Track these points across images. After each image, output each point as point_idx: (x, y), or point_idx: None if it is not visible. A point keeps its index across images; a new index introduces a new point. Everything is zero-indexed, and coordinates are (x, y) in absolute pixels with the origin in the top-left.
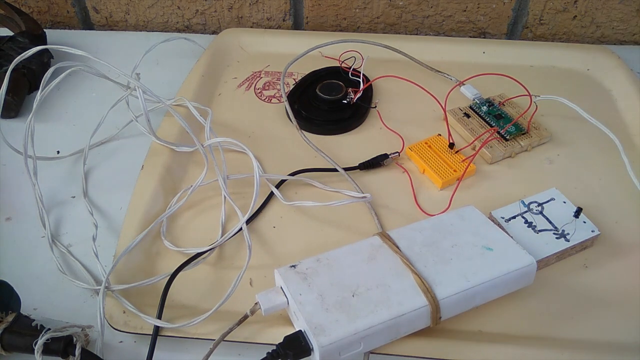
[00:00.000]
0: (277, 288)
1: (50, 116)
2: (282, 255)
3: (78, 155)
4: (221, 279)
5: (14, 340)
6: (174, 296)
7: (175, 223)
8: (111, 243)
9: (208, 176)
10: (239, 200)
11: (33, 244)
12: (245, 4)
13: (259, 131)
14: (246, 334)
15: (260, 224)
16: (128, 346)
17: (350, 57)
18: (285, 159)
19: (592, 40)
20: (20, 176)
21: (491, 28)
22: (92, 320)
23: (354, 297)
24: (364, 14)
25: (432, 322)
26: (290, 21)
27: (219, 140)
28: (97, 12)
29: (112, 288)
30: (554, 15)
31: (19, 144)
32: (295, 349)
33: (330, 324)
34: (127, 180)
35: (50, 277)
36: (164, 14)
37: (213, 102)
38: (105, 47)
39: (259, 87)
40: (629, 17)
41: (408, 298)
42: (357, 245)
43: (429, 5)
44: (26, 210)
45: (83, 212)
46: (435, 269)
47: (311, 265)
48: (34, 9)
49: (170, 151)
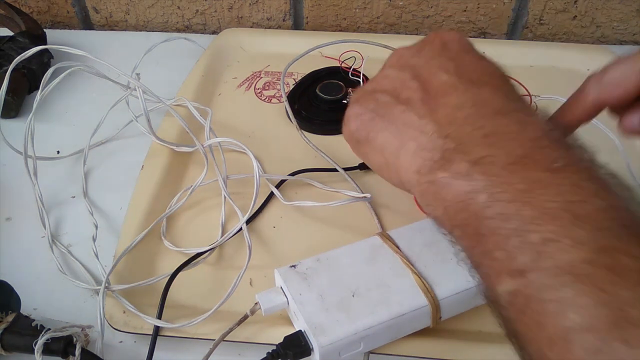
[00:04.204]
0: (277, 288)
1: (50, 116)
2: (282, 255)
3: (78, 155)
4: (221, 279)
5: (14, 340)
6: (174, 296)
7: (175, 223)
8: (111, 243)
9: (208, 176)
10: (239, 200)
11: (33, 244)
12: (245, 4)
13: (259, 131)
14: (246, 334)
15: (260, 224)
16: (128, 346)
17: (350, 57)
18: (285, 159)
19: (592, 40)
20: (20, 176)
21: (491, 28)
22: (92, 320)
23: (354, 297)
24: (364, 14)
25: (432, 322)
26: (290, 21)
27: (219, 140)
28: (97, 12)
29: (112, 288)
30: (554, 15)
31: (19, 144)
32: (295, 349)
33: (330, 324)
34: (127, 180)
35: (50, 277)
36: (164, 14)
37: (213, 102)
38: (105, 47)
39: (259, 87)
40: (629, 17)
41: (408, 298)
42: (357, 245)
43: (429, 5)
44: (26, 210)
45: (83, 212)
46: (435, 268)
47: (311, 265)
48: (34, 9)
49: (170, 151)
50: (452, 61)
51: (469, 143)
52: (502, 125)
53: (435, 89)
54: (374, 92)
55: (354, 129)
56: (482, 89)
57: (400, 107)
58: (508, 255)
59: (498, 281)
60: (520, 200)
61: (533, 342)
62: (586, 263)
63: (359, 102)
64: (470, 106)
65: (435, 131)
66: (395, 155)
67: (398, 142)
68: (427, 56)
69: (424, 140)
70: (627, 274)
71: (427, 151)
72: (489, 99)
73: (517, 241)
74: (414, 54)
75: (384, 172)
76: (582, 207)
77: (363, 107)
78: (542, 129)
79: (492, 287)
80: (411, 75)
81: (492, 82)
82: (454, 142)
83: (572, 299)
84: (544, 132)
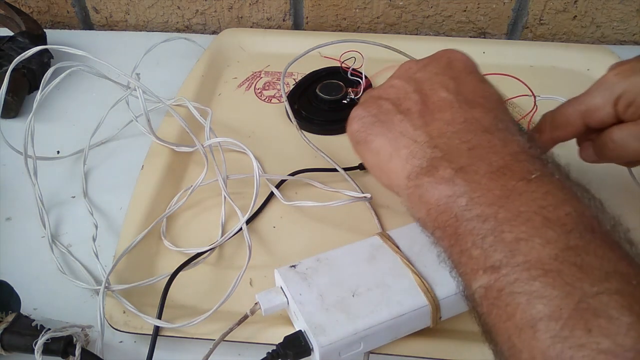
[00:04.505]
0: (277, 288)
1: (50, 116)
2: (282, 255)
3: (78, 155)
4: (221, 279)
5: (14, 340)
6: (174, 296)
7: (175, 223)
8: (111, 243)
9: (208, 176)
10: (239, 200)
11: (33, 244)
12: (245, 4)
13: (259, 131)
14: (246, 334)
15: (260, 224)
16: (128, 346)
17: (350, 57)
18: (285, 159)
19: (592, 40)
20: (20, 176)
21: (491, 28)
22: (92, 320)
23: (354, 297)
24: (364, 14)
25: (432, 322)
26: (290, 21)
27: (219, 140)
28: (97, 12)
29: (112, 288)
30: (554, 15)
31: (19, 144)
32: (295, 349)
33: (330, 324)
34: (127, 180)
35: (50, 277)
36: (164, 14)
37: (213, 102)
38: (105, 47)
39: (259, 87)
40: (629, 17)
41: (408, 298)
42: (357, 245)
43: (429, 5)
44: (26, 210)
45: (83, 212)
46: (435, 268)
47: (311, 265)
48: (34, 9)
49: (170, 151)
50: (453, 80)
51: (455, 154)
52: (486, 141)
53: (433, 103)
54: (378, 99)
55: (355, 130)
56: (475, 109)
57: (399, 117)
58: (483, 253)
59: (474, 277)
60: (497, 205)
61: (502, 332)
62: (554, 259)
63: (364, 106)
64: (460, 122)
65: (426, 142)
66: (388, 159)
67: (392, 148)
68: (432, 72)
69: (416, 149)
70: (591, 271)
71: (417, 159)
72: (479, 118)
73: (492, 240)
74: (420, 68)
75: (376, 172)
76: (552, 212)
77: (366, 110)
78: (522, 146)
79: (469, 285)
80: (414, 88)
81: (486, 104)
82: (442, 152)
83: (540, 291)
84: (523, 149)
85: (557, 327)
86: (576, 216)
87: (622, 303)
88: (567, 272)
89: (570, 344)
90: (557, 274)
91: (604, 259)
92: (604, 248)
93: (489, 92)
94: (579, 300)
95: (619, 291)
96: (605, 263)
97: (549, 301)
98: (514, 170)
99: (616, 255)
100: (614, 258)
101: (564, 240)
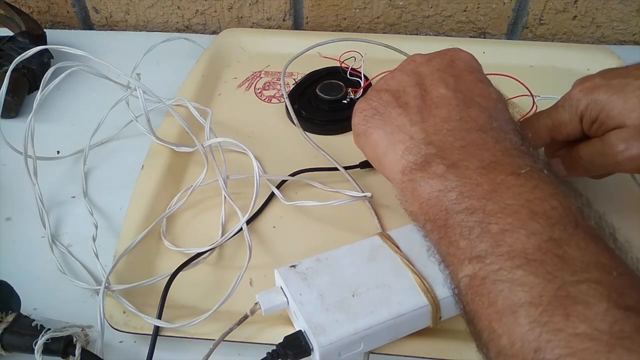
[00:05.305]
0: (277, 288)
1: (50, 116)
2: (282, 255)
3: (78, 155)
4: (221, 279)
5: (14, 340)
6: (174, 296)
7: (175, 223)
8: (111, 243)
9: (208, 176)
10: (239, 200)
11: (33, 244)
12: (245, 4)
13: (259, 131)
14: (246, 334)
15: (260, 224)
16: (128, 346)
17: (350, 57)
18: (285, 159)
19: (592, 40)
20: (20, 176)
21: (491, 28)
22: (92, 320)
23: (354, 297)
24: (364, 14)
25: (432, 322)
26: (290, 21)
27: (219, 140)
28: (97, 12)
29: (112, 288)
30: (554, 15)
31: (19, 144)
32: (295, 349)
33: (330, 324)
34: (127, 180)
35: (50, 277)
36: (164, 14)
37: (213, 102)
38: (105, 47)
39: (259, 87)
40: (629, 17)
41: (408, 298)
42: (357, 245)
43: (429, 5)
44: (26, 210)
45: (83, 212)
46: (435, 268)
47: (311, 265)
48: (34, 9)
49: (170, 151)
50: (454, 78)
51: (448, 150)
52: (480, 139)
53: (431, 99)
54: (380, 91)
55: (356, 122)
56: (471, 107)
57: (397, 110)
58: (470, 243)
59: (460, 268)
60: (486, 198)
61: (483, 317)
62: (537, 250)
63: (366, 98)
64: (456, 120)
65: (422, 139)
66: (384, 153)
67: (388, 143)
68: (434, 67)
69: (412, 146)
70: (572, 261)
71: (412, 155)
72: (474, 117)
73: (479, 232)
74: (424, 62)
75: (375, 164)
76: (539, 205)
77: (368, 103)
78: (514, 143)
79: (456, 275)
80: (415, 81)
81: (483, 103)
82: (436, 149)
83: (522, 279)
84: (515, 146)
85: (537, 313)
86: (562, 210)
87: (601, 291)
88: (549, 262)
89: (548, 329)
90: (539, 264)
91: (586, 251)
92: (587, 241)
93: (487, 91)
94: (558, 288)
95: (597, 280)
96: (587, 255)
97: (530, 289)
98: (504, 165)
99: (598, 248)
100: (596, 250)
101: (548, 233)
